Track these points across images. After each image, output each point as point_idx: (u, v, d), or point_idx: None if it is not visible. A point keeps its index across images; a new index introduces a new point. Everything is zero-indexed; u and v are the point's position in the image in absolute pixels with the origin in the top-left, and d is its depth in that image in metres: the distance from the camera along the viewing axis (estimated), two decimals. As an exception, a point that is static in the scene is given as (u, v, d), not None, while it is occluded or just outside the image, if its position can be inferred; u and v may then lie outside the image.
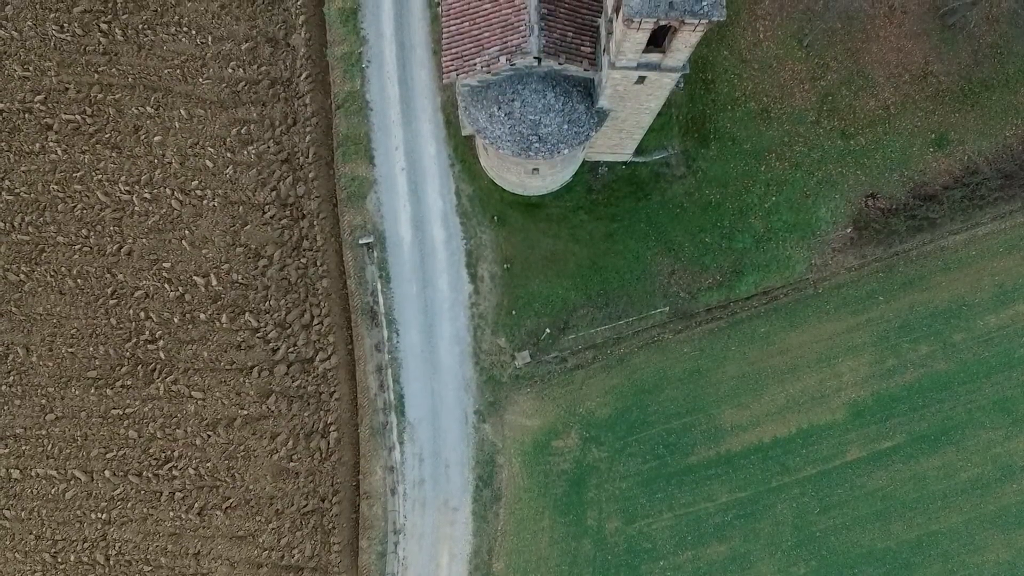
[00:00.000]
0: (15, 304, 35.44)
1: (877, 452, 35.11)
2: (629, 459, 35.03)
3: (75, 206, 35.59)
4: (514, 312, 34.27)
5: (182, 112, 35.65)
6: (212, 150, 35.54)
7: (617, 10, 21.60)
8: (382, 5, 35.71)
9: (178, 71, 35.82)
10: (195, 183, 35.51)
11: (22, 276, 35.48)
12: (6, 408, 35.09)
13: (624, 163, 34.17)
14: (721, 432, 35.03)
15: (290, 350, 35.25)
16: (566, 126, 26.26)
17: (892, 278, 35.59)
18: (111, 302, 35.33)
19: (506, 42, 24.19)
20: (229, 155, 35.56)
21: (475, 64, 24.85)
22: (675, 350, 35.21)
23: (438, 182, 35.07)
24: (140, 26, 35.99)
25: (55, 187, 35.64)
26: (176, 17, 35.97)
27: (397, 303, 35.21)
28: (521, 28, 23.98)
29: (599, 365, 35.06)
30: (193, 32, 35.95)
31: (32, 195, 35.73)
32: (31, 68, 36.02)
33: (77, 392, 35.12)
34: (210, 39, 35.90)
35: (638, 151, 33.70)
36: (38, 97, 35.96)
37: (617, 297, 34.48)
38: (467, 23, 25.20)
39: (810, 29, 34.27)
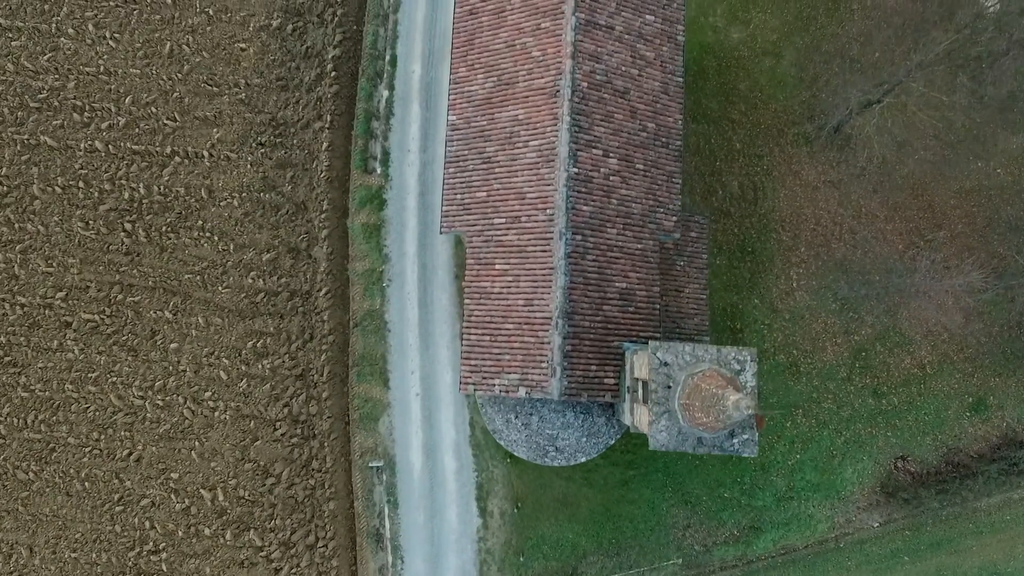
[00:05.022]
0: (22, 503, 35.24)
1: None
2: None
3: (88, 407, 35.37)
4: (522, 557, 33.27)
5: (200, 320, 35.33)
6: (227, 361, 35.15)
7: (644, 388, 20.63)
8: (407, 224, 35.16)
9: (198, 277, 35.50)
10: (208, 394, 35.12)
11: (31, 475, 35.30)
12: (6, 610, 35.00)
13: (644, 410, 33.21)
14: None
15: (293, 570, 34.57)
16: (584, 439, 25.36)
17: (919, 538, 34.06)
18: (117, 508, 34.99)
19: (526, 375, 23.34)
20: (244, 367, 35.14)
21: (494, 385, 24.03)
22: (687, 597, 34.09)
23: (452, 412, 34.28)
24: (164, 228, 35.80)
25: (70, 387, 35.46)
26: (200, 221, 35.73)
27: (404, 529, 34.42)
28: (543, 364, 23.12)
29: (606, 605, 34.03)
30: (216, 238, 35.65)
31: (47, 393, 35.59)
32: (54, 264, 35.95)
33: (77, 598, 34.88)
34: (232, 246, 35.57)
35: (660, 400, 32.73)
36: (59, 294, 35.89)
37: (629, 546, 33.36)
38: (488, 337, 24.41)
39: (846, 280, 33.05)
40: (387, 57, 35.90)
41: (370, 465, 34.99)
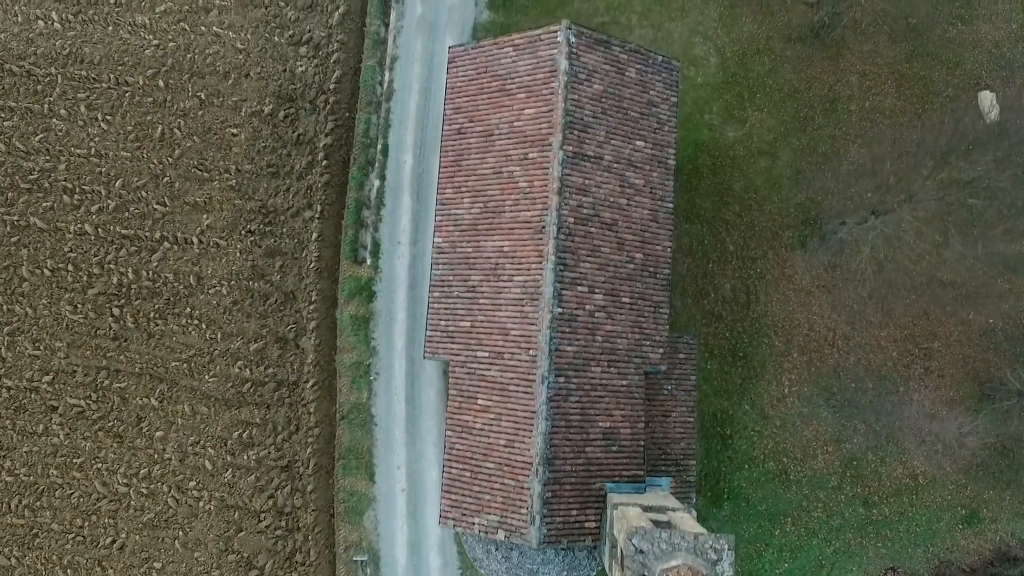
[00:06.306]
0: (4, 589, 35.25)
1: None
2: None
3: (72, 494, 35.17)
4: (505, 661, 33.04)
5: (186, 408, 35.09)
6: (212, 451, 34.91)
7: (619, 554, 20.27)
8: (395, 317, 34.83)
9: (185, 365, 35.27)
10: (193, 483, 34.89)
11: (13, 560, 35.13)
12: None
13: (631, 516, 32.83)
14: None
15: (274, 665, 34.44)
16: (565, 573, 24.99)
17: (908, 647, 33.70)
18: (99, 597, 34.94)
19: (505, 518, 22.99)
20: (229, 457, 34.88)
21: (473, 524, 23.70)
22: None
23: (438, 508, 33.74)
24: (152, 314, 35.57)
25: (54, 472, 35.28)
26: (188, 308, 35.47)
27: (387, 625, 34.21)
28: (522, 509, 22.77)
29: None
30: (203, 326, 35.40)
31: (31, 478, 35.41)
32: (42, 347, 35.77)
33: None
34: (219, 335, 35.30)
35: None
36: (46, 377, 35.70)
37: (614, 652, 33.04)
38: (468, 473, 24.09)
39: (838, 388, 32.61)
40: (379, 146, 35.59)
41: (354, 559, 34.70)
